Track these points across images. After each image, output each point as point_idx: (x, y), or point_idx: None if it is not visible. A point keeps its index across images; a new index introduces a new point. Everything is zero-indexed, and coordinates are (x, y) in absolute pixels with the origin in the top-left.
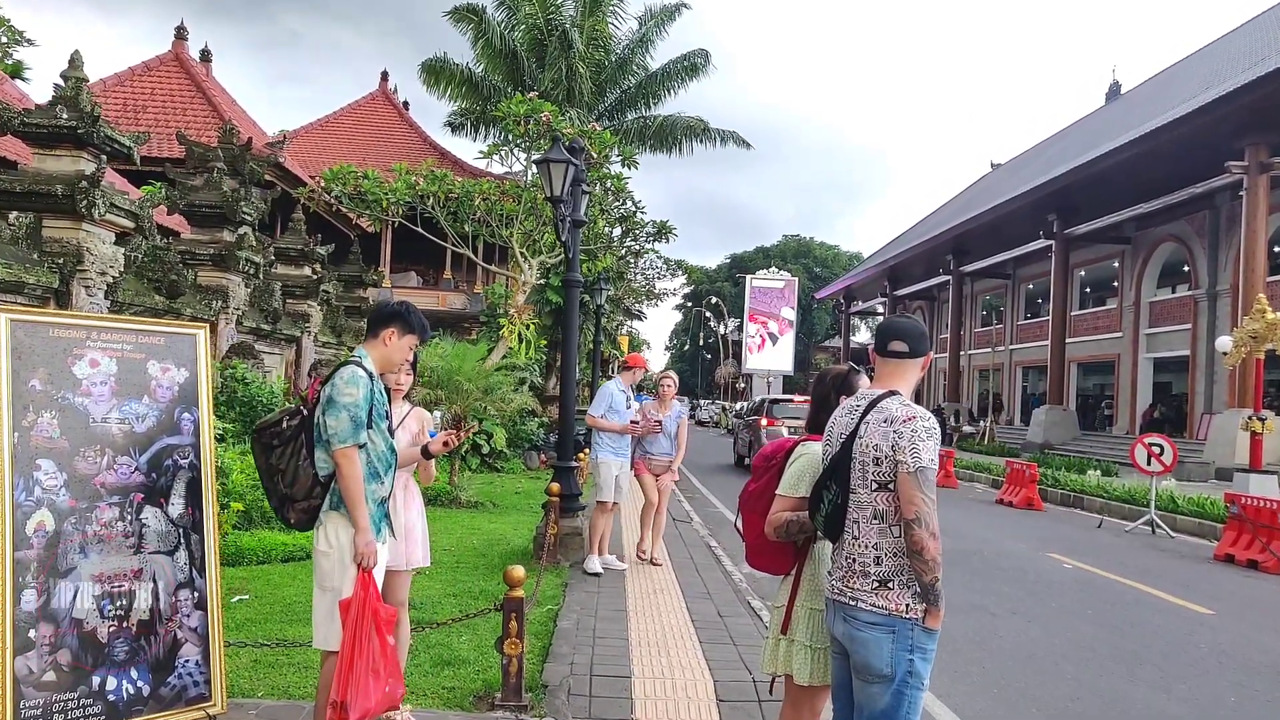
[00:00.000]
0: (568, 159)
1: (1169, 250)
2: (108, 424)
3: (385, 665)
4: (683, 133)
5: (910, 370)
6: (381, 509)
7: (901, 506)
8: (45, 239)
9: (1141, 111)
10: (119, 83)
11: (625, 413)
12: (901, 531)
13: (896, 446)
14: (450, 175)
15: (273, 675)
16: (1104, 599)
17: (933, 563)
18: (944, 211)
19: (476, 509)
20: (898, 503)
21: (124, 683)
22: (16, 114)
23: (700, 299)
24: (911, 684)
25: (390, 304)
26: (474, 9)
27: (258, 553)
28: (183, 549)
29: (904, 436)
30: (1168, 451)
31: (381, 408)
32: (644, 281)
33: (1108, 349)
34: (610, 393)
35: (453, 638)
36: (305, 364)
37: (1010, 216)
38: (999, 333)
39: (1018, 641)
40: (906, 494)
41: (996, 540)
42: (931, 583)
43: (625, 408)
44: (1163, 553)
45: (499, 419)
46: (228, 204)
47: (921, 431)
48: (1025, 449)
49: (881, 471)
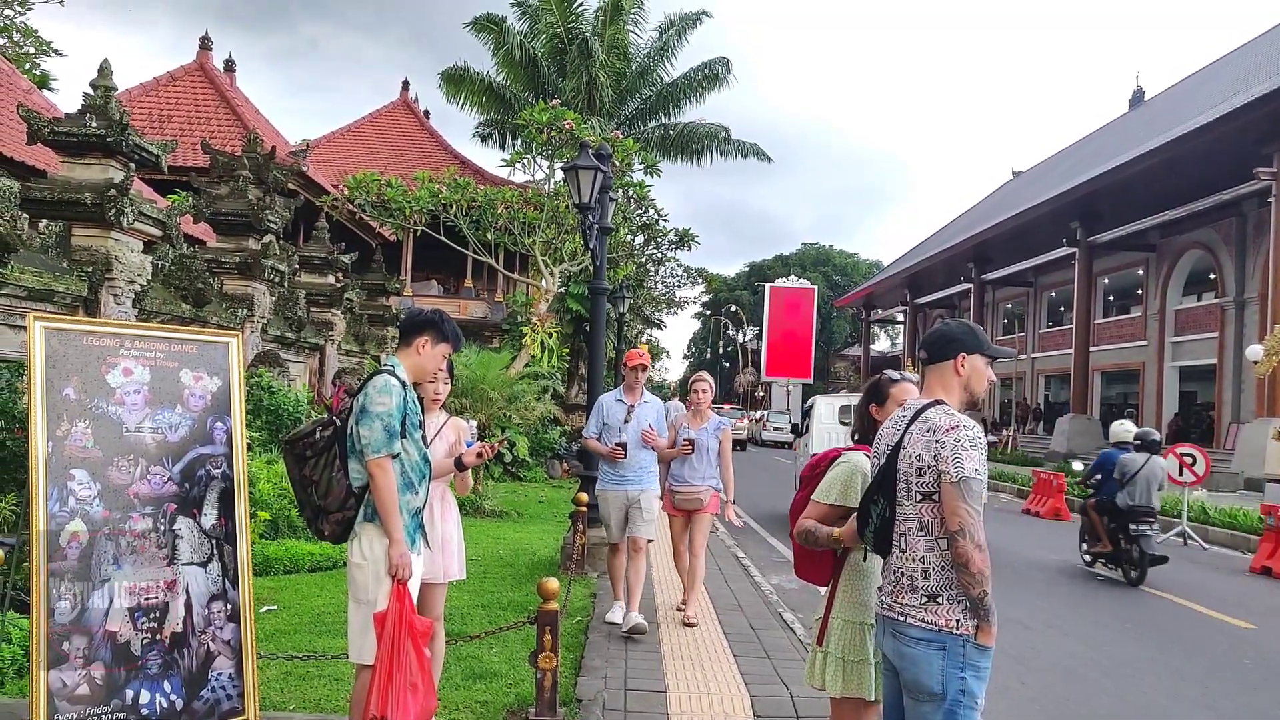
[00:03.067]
0: (596, 166)
1: (1195, 258)
2: (141, 433)
3: (422, 678)
4: (703, 141)
5: (944, 376)
6: (416, 520)
7: (945, 518)
8: (74, 247)
9: (1166, 118)
10: (145, 92)
11: (623, 429)
12: (948, 544)
13: (939, 456)
14: (473, 183)
15: (304, 688)
16: (1141, 612)
17: (979, 576)
18: (965, 219)
19: (501, 518)
20: (943, 514)
21: (157, 696)
22: (47, 123)
23: (719, 307)
24: (964, 703)
25: (423, 312)
26: (495, 19)
27: (285, 562)
28: (215, 560)
29: (946, 446)
30: (1200, 462)
31: (415, 417)
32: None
33: (1132, 357)
34: (601, 406)
35: (483, 650)
36: (329, 372)
37: (1033, 224)
38: (1020, 341)
39: (1056, 656)
40: (950, 505)
41: (1027, 551)
42: (979, 597)
43: (624, 422)
44: (1197, 565)
45: (522, 427)
46: (253, 212)
47: (965, 441)
48: (1049, 458)
49: (925, 482)
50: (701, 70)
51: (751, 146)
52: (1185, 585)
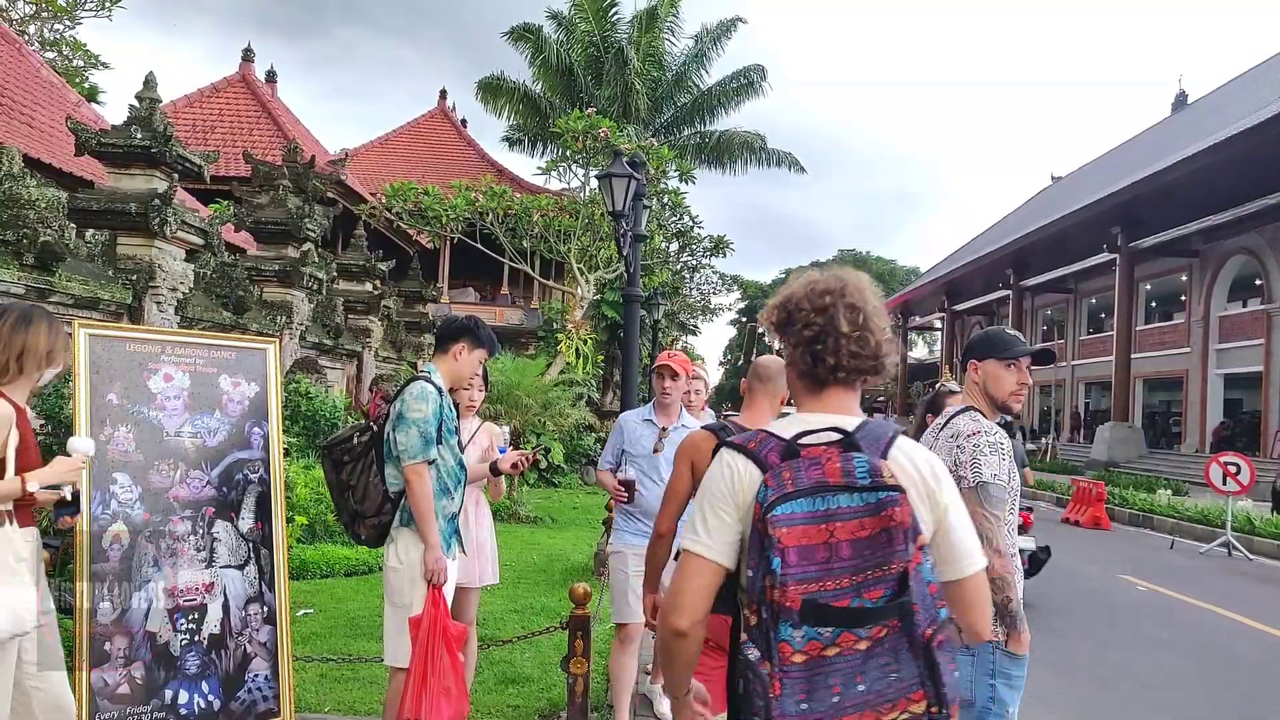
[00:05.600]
0: (630, 174)
1: (1240, 263)
2: (180, 438)
3: (455, 683)
4: (740, 149)
5: (968, 382)
6: (451, 525)
7: None
8: (119, 256)
9: (1210, 121)
10: (189, 104)
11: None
12: None
13: (958, 461)
14: (509, 191)
15: (339, 690)
16: (1183, 624)
17: (1000, 581)
18: (1003, 225)
19: (536, 524)
20: None
21: (195, 696)
22: (94, 135)
23: (754, 314)
24: (994, 711)
25: (459, 319)
26: (531, 29)
27: (321, 566)
28: (252, 563)
29: (965, 451)
30: (1244, 470)
31: (451, 423)
32: (699, 297)
33: (1175, 364)
34: (622, 429)
35: (516, 654)
36: (366, 379)
37: (1073, 229)
38: (1060, 348)
39: (1095, 667)
40: (968, 510)
41: (1066, 561)
42: (1003, 602)
43: (653, 451)
44: (1242, 576)
45: (557, 434)
46: (292, 221)
47: (984, 446)
48: (1089, 467)
49: None
50: (737, 78)
51: (786, 156)
52: (1229, 596)
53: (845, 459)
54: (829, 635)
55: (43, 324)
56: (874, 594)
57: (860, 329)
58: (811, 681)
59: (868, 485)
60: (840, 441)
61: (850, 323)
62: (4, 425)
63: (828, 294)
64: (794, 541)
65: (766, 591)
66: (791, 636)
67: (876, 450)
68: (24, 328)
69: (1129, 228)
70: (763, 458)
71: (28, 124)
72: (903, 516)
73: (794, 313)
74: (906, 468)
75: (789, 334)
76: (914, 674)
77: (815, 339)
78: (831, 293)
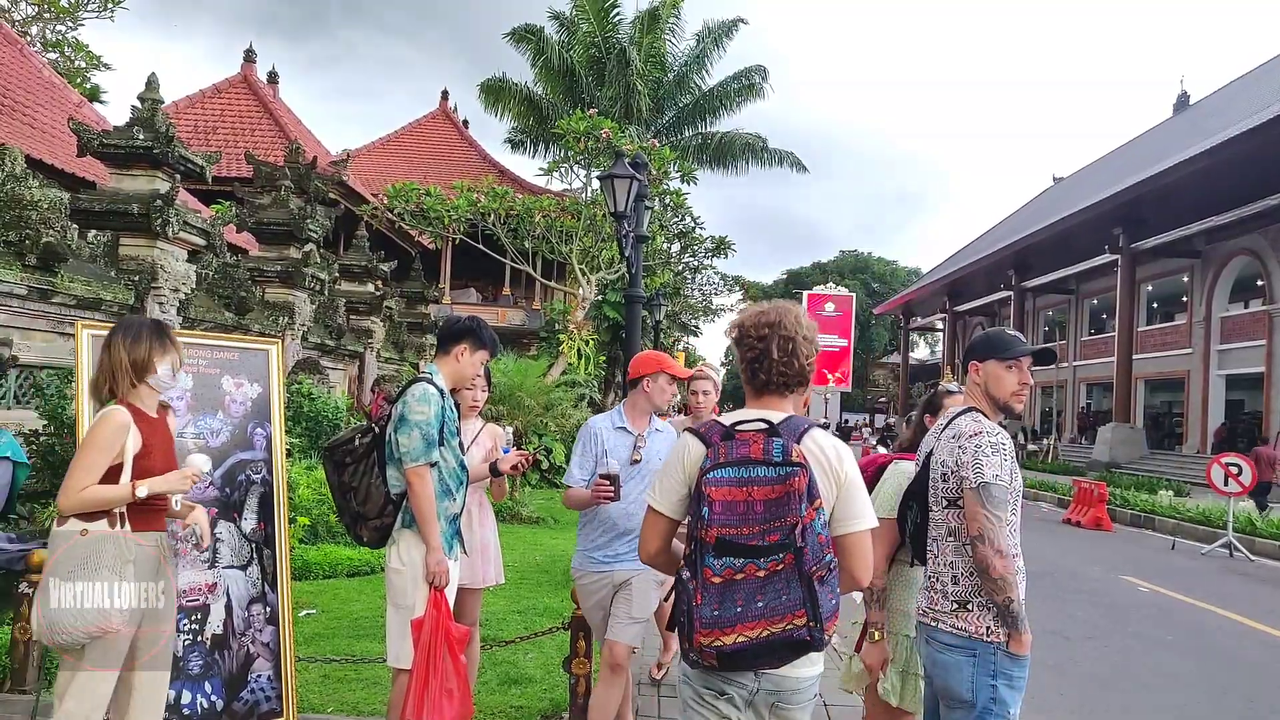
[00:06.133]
0: (631, 174)
1: (1242, 264)
2: (183, 438)
3: (458, 684)
4: (741, 150)
5: (970, 383)
6: (453, 526)
7: (967, 523)
8: (121, 256)
9: (1212, 122)
10: (191, 104)
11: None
12: (970, 549)
13: (960, 462)
14: (511, 193)
15: (342, 691)
16: (1184, 624)
17: (1001, 582)
18: (1005, 226)
19: (538, 524)
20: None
21: (198, 696)
22: (96, 135)
23: None
24: (995, 712)
25: (461, 320)
26: (533, 29)
27: (324, 567)
28: (255, 564)
29: (967, 451)
30: (1246, 472)
31: (452, 424)
32: (701, 298)
33: (1177, 365)
34: (593, 436)
35: (519, 655)
36: (368, 379)
37: (1074, 230)
38: (1062, 349)
39: (1096, 668)
40: (970, 510)
41: (1067, 562)
42: (1005, 603)
43: (630, 460)
44: (1244, 577)
45: (559, 434)
46: (294, 222)
47: (986, 447)
48: (1090, 467)
49: (950, 488)
50: (739, 78)
51: (788, 155)
52: (1230, 597)
53: (767, 442)
54: (739, 564)
55: (131, 333)
56: (773, 538)
57: (789, 355)
58: (723, 596)
59: (779, 461)
60: (766, 430)
61: (781, 350)
62: (121, 432)
63: (767, 326)
64: (720, 497)
65: (698, 531)
66: (713, 564)
67: (792, 437)
68: (118, 340)
69: (1131, 228)
70: (708, 438)
71: (30, 125)
72: (800, 485)
73: (743, 337)
74: (815, 451)
75: (740, 350)
76: (799, 598)
77: (755, 360)
78: (771, 325)
